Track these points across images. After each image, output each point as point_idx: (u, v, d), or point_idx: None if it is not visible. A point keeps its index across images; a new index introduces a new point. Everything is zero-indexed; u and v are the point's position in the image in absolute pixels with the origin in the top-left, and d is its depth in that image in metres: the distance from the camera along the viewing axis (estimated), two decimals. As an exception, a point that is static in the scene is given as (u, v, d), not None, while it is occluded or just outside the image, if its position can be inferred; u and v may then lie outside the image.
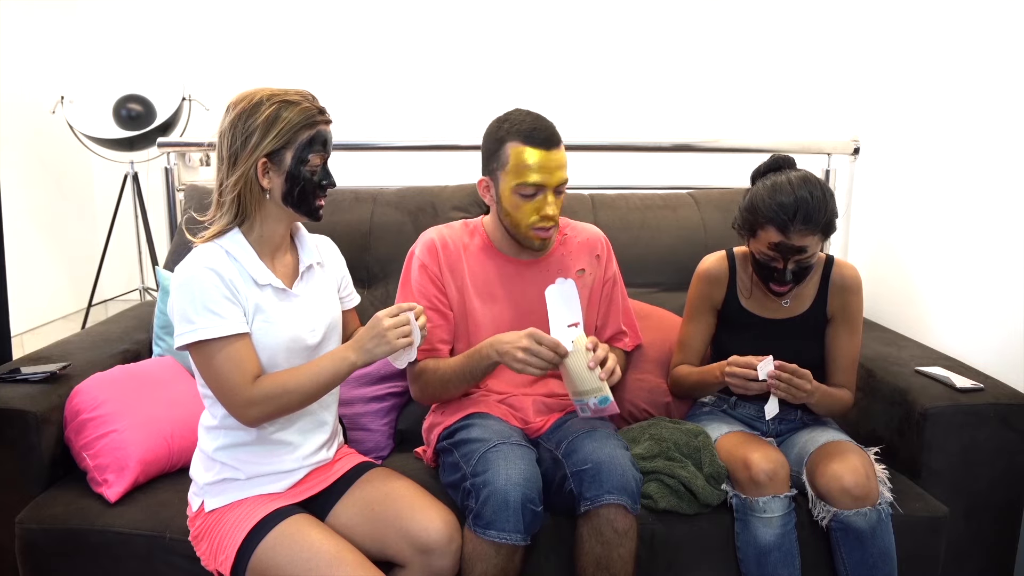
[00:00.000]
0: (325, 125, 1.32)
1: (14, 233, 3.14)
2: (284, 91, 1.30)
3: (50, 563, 1.48)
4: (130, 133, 3.28)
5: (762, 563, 1.47)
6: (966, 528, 1.64)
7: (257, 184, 1.30)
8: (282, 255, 1.39)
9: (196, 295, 1.25)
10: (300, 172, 1.30)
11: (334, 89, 3.56)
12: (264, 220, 1.34)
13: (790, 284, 1.57)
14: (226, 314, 1.26)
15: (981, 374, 1.76)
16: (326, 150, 1.33)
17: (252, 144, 1.27)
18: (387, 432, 1.79)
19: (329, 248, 1.51)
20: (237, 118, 1.28)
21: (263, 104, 1.27)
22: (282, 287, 1.35)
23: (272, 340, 1.31)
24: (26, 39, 3.35)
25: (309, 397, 1.30)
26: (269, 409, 1.28)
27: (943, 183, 2.03)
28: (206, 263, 1.27)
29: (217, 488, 1.35)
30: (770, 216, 1.50)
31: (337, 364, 1.29)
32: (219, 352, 1.26)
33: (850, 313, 1.66)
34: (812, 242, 1.52)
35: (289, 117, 1.27)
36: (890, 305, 2.21)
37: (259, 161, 1.28)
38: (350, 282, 1.54)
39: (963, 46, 1.96)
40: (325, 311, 1.40)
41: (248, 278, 1.31)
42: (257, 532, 1.28)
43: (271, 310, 1.32)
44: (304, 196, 1.32)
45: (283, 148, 1.28)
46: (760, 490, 1.47)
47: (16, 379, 1.62)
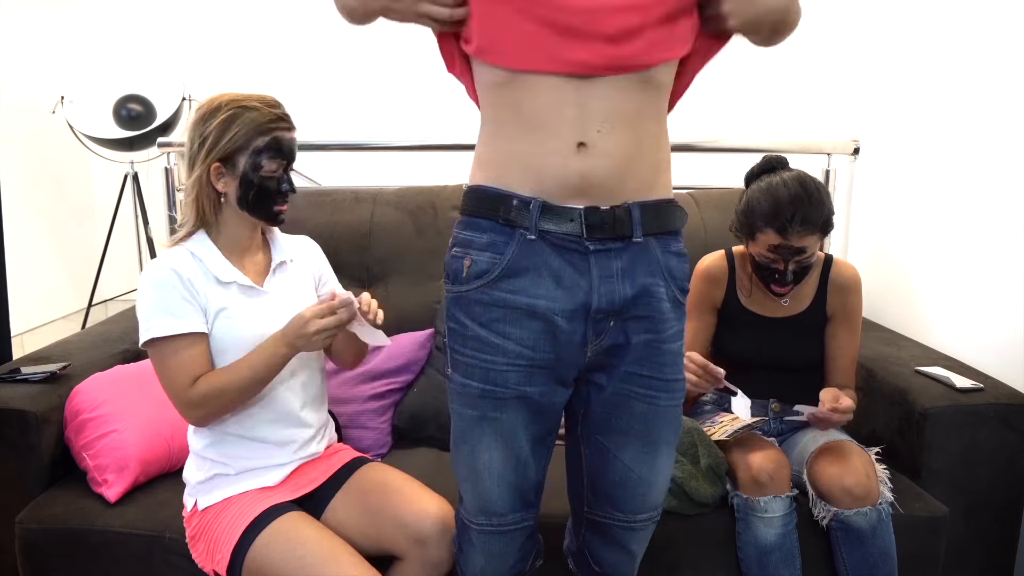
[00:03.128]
0: (284, 132, 1.31)
1: (14, 233, 3.14)
2: (247, 96, 1.30)
3: (50, 563, 1.48)
4: (130, 133, 3.28)
5: (763, 563, 1.47)
6: (966, 528, 1.64)
7: (211, 188, 1.31)
8: (252, 254, 1.40)
9: (153, 295, 1.28)
10: (254, 177, 1.30)
11: (334, 89, 3.57)
12: (225, 223, 1.35)
13: (791, 285, 1.57)
14: (181, 314, 1.28)
15: (981, 374, 1.76)
16: (283, 156, 1.32)
17: (207, 148, 1.28)
18: (385, 430, 1.79)
19: (307, 245, 1.51)
20: (197, 122, 1.30)
21: (221, 109, 1.29)
22: (250, 284, 1.35)
23: (237, 337, 1.32)
24: (26, 39, 3.35)
25: (248, 391, 1.31)
26: (210, 409, 1.29)
27: (943, 183, 2.03)
28: (166, 264, 1.29)
29: (208, 485, 1.36)
30: (768, 219, 1.51)
31: (269, 358, 1.29)
32: (170, 352, 1.28)
33: (849, 312, 1.66)
34: (811, 242, 1.52)
35: (244, 122, 1.28)
36: (890, 305, 2.21)
37: (212, 164, 1.29)
38: (331, 277, 1.53)
39: (963, 46, 1.95)
40: (297, 307, 1.37)
41: (211, 278, 1.32)
42: (251, 531, 1.28)
43: (236, 308, 1.33)
44: (260, 201, 1.32)
45: (236, 152, 1.29)
46: (761, 490, 1.48)
47: (16, 379, 1.62)
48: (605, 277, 1.07)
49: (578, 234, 1.05)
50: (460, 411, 1.14)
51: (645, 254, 1.09)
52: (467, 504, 1.20)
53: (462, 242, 1.11)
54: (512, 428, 1.11)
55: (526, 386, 1.10)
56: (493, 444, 1.12)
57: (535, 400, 1.11)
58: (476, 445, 1.13)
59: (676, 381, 1.15)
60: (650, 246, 1.09)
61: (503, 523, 1.17)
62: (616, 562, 1.25)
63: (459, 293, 1.11)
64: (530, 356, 1.09)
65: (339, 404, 1.74)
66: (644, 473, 1.16)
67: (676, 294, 1.13)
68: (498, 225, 1.08)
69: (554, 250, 1.06)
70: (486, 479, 1.14)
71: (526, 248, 1.07)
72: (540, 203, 1.05)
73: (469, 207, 1.12)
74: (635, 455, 1.16)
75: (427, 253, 2.04)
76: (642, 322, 1.10)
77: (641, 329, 1.10)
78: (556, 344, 1.09)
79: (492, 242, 1.08)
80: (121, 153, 3.40)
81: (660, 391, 1.13)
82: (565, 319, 1.08)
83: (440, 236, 2.05)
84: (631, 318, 1.10)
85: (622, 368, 1.12)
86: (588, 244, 1.06)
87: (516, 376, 1.09)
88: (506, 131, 1.07)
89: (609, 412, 1.15)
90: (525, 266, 1.07)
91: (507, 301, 1.07)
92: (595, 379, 1.15)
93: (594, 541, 1.25)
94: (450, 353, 1.14)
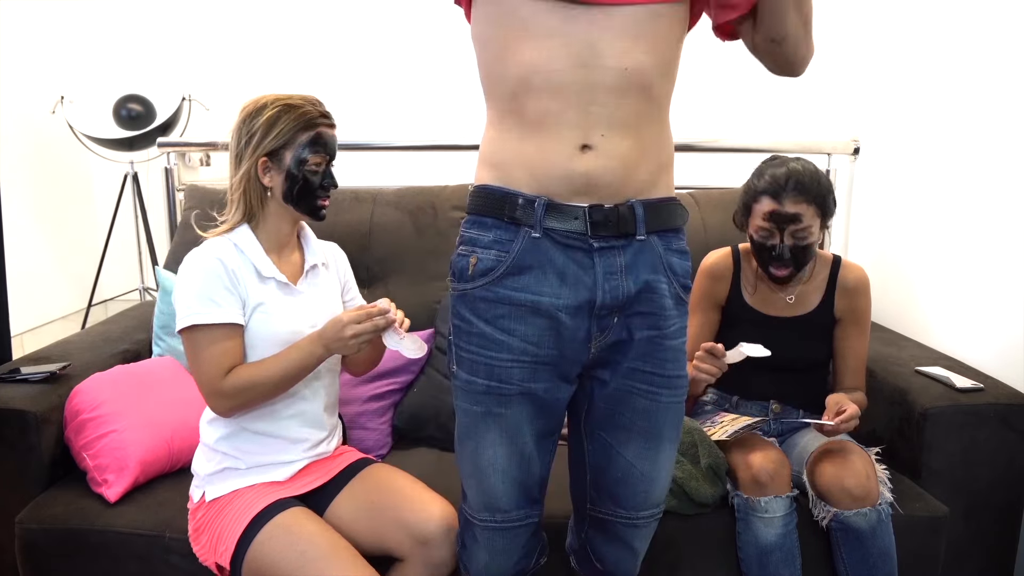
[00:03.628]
0: (327, 128, 1.37)
1: (14, 233, 3.14)
2: (289, 96, 1.36)
3: (50, 563, 1.48)
4: (130, 133, 3.29)
5: (763, 563, 1.47)
6: (966, 528, 1.64)
7: (259, 182, 1.36)
8: (289, 253, 1.43)
9: (198, 282, 1.30)
10: (299, 171, 1.35)
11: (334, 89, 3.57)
12: (268, 217, 1.39)
13: (789, 267, 1.57)
14: (223, 303, 1.30)
15: (981, 374, 1.76)
16: (326, 151, 1.37)
17: (254, 144, 1.33)
18: (385, 430, 1.79)
19: (336, 253, 1.55)
20: (243, 120, 1.35)
21: (267, 107, 1.34)
22: (286, 282, 1.38)
23: (271, 332, 1.34)
24: (26, 39, 3.35)
25: (278, 388, 1.33)
26: (240, 401, 1.32)
27: (943, 183, 2.03)
28: (213, 253, 1.32)
29: (218, 477, 1.37)
30: (763, 187, 1.55)
31: (305, 357, 1.32)
32: (207, 340, 1.30)
33: (859, 315, 1.67)
34: (807, 212, 1.53)
35: (289, 118, 1.33)
36: (890, 305, 2.21)
37: (259, 159, 1.33)
38: (354, 287, 1.57)
39: (963, 46, 1.96)
40: (326, 310, 1.43)
41: (252, 271, 1.35)
42: (255, 524, 1.29)
43: (272, 303, 1.35)
44: (304, 195, 1.36)
45: (283, 148, 1.34)
46: (762, 490, 1.48)
47: (16, 379, 1.62)
48: (609, 274, 1.08)
49: (582, 231, 1.07)
50: (465, 407, 1.15)
51: (648, 251, 1.10)
52: (471, 500, 1.20)
53: (468, 240, 1.13)
54: (517, 424, 1.12)
55: (530, 382, 1.11)
56: (498, 440, 1.13)
57: (539, 396, 1.12)
58: (480, 441, 1.14)
59: (678, 377, 1.15)
60: (653, 243, 1.10)
61: (507, 519, 1.18)
62: (618, 559, 1.25)
63: (464, 290, 1.12)
64: (534, 352, 1.10)
65: (339, 404, 1.74)
66: (647, 469, 1.17)
67: (678, 291, 1.14)
68: (503, 223, 1.09)
69: (558, 247, 1.08)
70: (490, 475, 1.15)
71: (531, 245, 1.08)
72: (545, 201, 1.06)
73: (475, 206, 1.13)
74: (638, 451, 1.16)
75: (427, 253, 2.04)
76: (645, 318, 1.11)
77: (644, 325, 1.11)
78: (560, 340, 1.10)
79: (497, 240, 1.09)
80: (121, 153, 3.40)
81: (662, 387, 1.14)
82: (569, 315, 1.09)
83: (440, 236, 2.05)
84: (634, 314, 1.11)
85: (625, 364, 1.13)
86: (592, 241, 1.07)
87: (521, 372, 1.10)
88: (510, 133, 1.08)
89: (612, 408, 1.15)
90: (530, 263, 1.08)
91: (512, 298, 1.08)
92: (598, 375, 1.15)
93: (596, 538, 1.26)
94: (455, 350, 1.15)
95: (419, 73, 3.49)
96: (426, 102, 3.48)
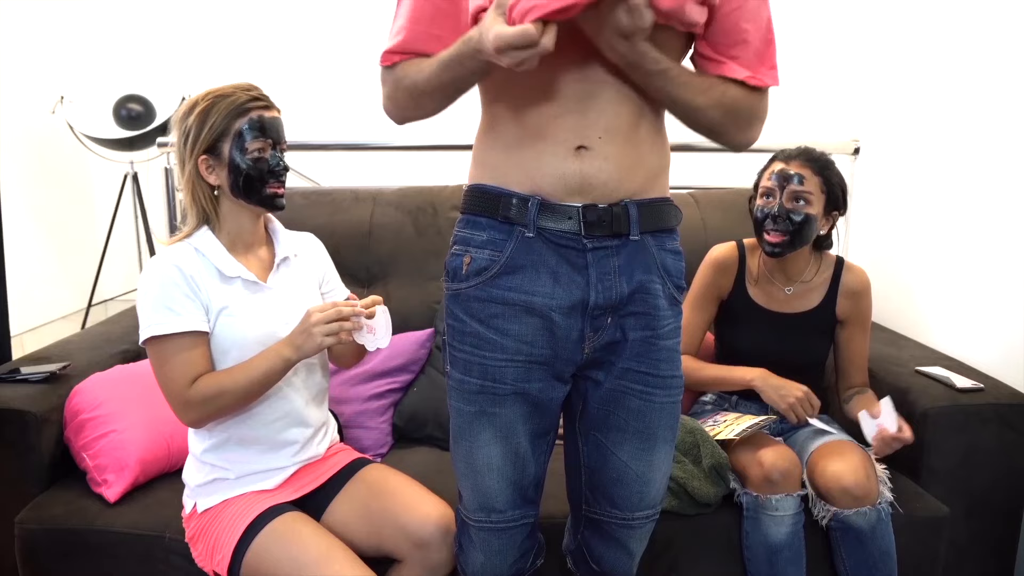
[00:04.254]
0: (262, 111, 1.30)
1: (14, 233, 3.14)
2: (221, 87, 1.31)
3: (50, 563, 1.48)
4: (130, 133, 3.29)
5: (772, 562, 1.47)
6: (966, 528, 1.64)
7: (204, 182, 1.31)
8: (256, 249, 1.39)
9: (154, 291, 1.26)
10: (241, 161, 1.28)
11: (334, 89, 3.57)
12: (225, 217, 1.34)
13: (782, 234, 1.58)
14: (182, 311, 1.26)
15: (981, 374, 1.76)
16: (266, 135, 1.30)
17: (191, 142, 1.29)
18: (386, 430, 1.79)
19: (310, 242, 1.50)
20: (178, 121, 1.31)
21: (198, 103, 1.29)
22: (254, 280, 1.34)
23: (241, 335, 1.30)
24: (26, 39, 3.35)
25: (247, 396, 1.29)
26: (208, 410, 1.28)
27: (943, 183, 2.03)
28: (169, 260, 1.28)
29: (208, 489, 1.36)
30: (776, 154, 1.66)
31: (272, 362, 1.27)
32: (170, 350, 1.26)
33: (862, 317, 1.68)
34: (810, 179, 1.58)
35: (220, 108, 1.28)
36: (890, 305, 2.21)
37: (199, 158, 1.29)
38: (334, 276, 1.52)
39: (963, 46, 1.95)
40: (301, 304, 1.37)
41: (214, 273, 1.30)
42: (250, 531, 1.28)
43: (238, 305, 1.31)
44: (251, 186, 1.30)
45: (219, 140, 1.28)
46: (773, 488, 1.47)
47: (16, 379, 1.62)
48: (602, 274, 1.08)
49: (576, 231, 1.06)
50: (459, 407, 1.15)
51: (642, 251, 1.10)
52: (466, 501, 1.20)
53: (462, 240, 1.13)
54: (511, 423, 1.12)
55: (524, 382, 1.10)
56: (492, 440, 1.13)
57: (533, 396, 1.12)
58: (474, 441, 1.14)
59: (672, 378, 1.15)
60: (646, 243, 1.10)
61: (502, 520, 1.17)
62: (614, 560, 1.25)
63: (458, 290, 1.12)
64: (528, 352, 1.10)
65: (339, 404, 1.74)
66: (641, 470, 1.17)
67: (672, 291, 1.14)
68: (497, 223, 1.09)
69: (552, 247, 1.07)
70: (485, 475, 1.15)
71: (524, 245, 1.08)
72: (538, 201, 1.06)
73: (469, 206, 1.13)
74: (632, 452, 1.16)
75: (427, 253, 2.04)
76: (639, 318, 1.11)
77: (638, 326, 1.11)
78: (553, 340, 1.10)
79: (491, 239, 1.09)
80: (121, 153, 3.40)
81: (656, 387, 1.13)
82: (562, 315, 1.08)
83: (440, 236, 2.05)
84: (628, 315, 1.11)
85: (619, 365, 1.13)
86: (586, 241, 1.07)
87: (514, 372, 1.10)
88: (506, 135, 1.09)
89: (607, 409, 1.15)
90: (523, 263, 1.08)
91: (505, 298, 1.08)
92: (593, 376, 1.15)
93: (593, 539, 1.26)
94: (448, 350, 1.15)
95: (419, 73, 3.48)
96: (426, 102, 3.48)
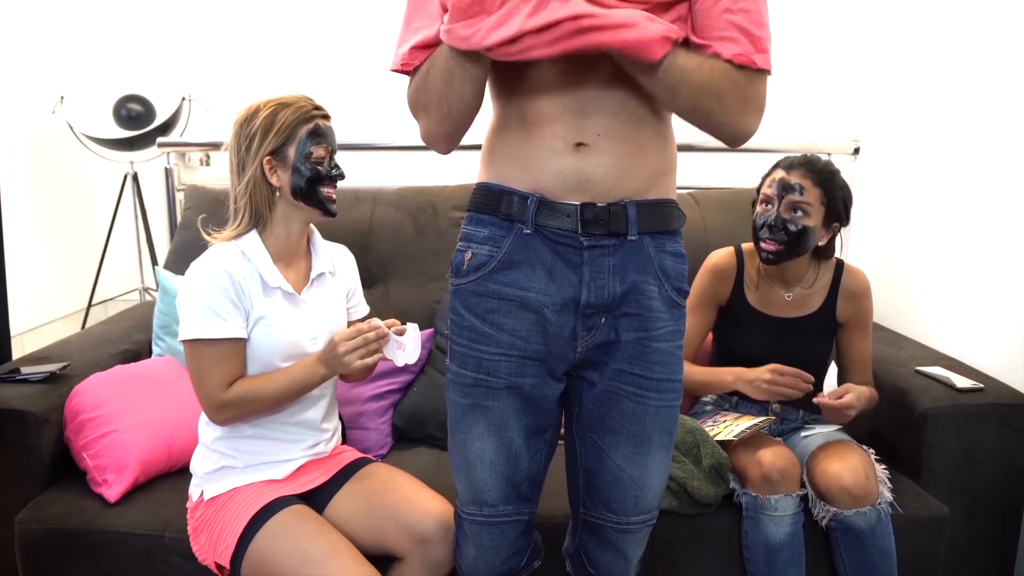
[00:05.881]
0: (322, 120, 1.38)
1: (14, 233, 3.14)
2: (281, 96, 1.37)
3: (50, 563, 1.48)
4: (130, 133, 3.29)
5: (772, 562, 1.47)
6: (966, 528, 1.64)
7: (266, 184, 1.35)
8: (296, 261, 1.43)
9: (205, 294, 1.29)
10: (305, 165, 1.35)
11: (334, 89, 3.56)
12: (279, 221, 1.38)
13: (778, 243, 1.58)
14: (228, 317, 1.30)
15: (981, 374, 1.76)
16: (327, 142, 1.37)
17: (255, 147, 1.33)
18: (386, 430, 1.79)
19: (344, 257, 1.55)
20: (239, 127, 1.35)
21: (260, 110, 1.35)
22: (291, 291, 1.38)
23: (272, 344, 1.34)
24: (26, 39, 3.35)
25: (279, 403, 1.35)
26: (239, 413, 1.33)
27: (943, 183, 2.03)
28: (222, 263, 1.31)
29: (216, 476, 1.38)
30: (778, 162, 1.64)
31: (308, 375, 1.34)
32: (210, 352, 1.30)
33: (863, 318, 1.68)
34: (810, 190, 1.57)
35: (285, 115, 1.34)
36: (890, 305, 2.21)
37: (264, 160, 1.33)
38: (358, 291, 1.56)
39: (963, 46, 1.96)
40: (330, 320, 1.43)
41: (258, 281, 1.34)
42: (256, 522, 1.29)
43: (275, 315, 1.35)
44: (312, 188, 1.36)
45: (284, 144, 1.34)
46: (772, 488, 1.48)
47: (16, 379, 1.62)
48: (596, 273, 1.08)
49: (573, 229, 1.07)
50: (454, 400, 1.16)
51: (639, 252, 1.10)
52: (461, 494, 1.21)
53: (465, 236, 1.15)
54: (503, 417, 1.13)
55: (518, 377, 1.12)
56: (485, 433, 1.14)
57: (526, 391, 1.12)
58: (468, 433, 1.15)
59: (668, 381, 1.14)
60: (644, 244, 1.10)
61: (493, 514, 1.18)
62: (610, 565, 1.25)
63: (459, 285, 1.14)
64: (522, 347, 1.11)
65: (340, 405, 1.73)
66: (636, 474, 1.16)
67: (671, 294, 1.13)
68: (498, 220, 1.10)
69: (549, 244, 1.08)
70: (478, 467, 1.16)
71: (522, 242, 1.09)
72: (537, 199, 1.07)
73: (474, 203, 1.15)
74: (627, 455, 1.16)
75: (427, 253, 2.04)
76: (632, 319, 1.11)
77: (631, 327, 1.11)
78: (546, 336, 1.11)
79: (491, 236, 1.11)
80: (121, 153, 3.40)
81: (650, 390, 1.13)
82: (554, 312, 1.09)
83: (440, 236, 2.05)
84: (622, 315, 1.11)
85: (612, 365, 1.13)
86: (582, 239, 1.07)
87: (508, 366, 1.11)
88: (509, 132, 1.10)
89: (601, 410, 1.15)
90: (519, 259, 1.09)
91: (501, 293, 1.10)
92: (587, 376, 1.16)
93: (589, 543, 1.26)
94: (449, 344, 1.17)
95: (419, 73, 3.48)
96: (426, 102, 3.48)
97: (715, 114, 1.03)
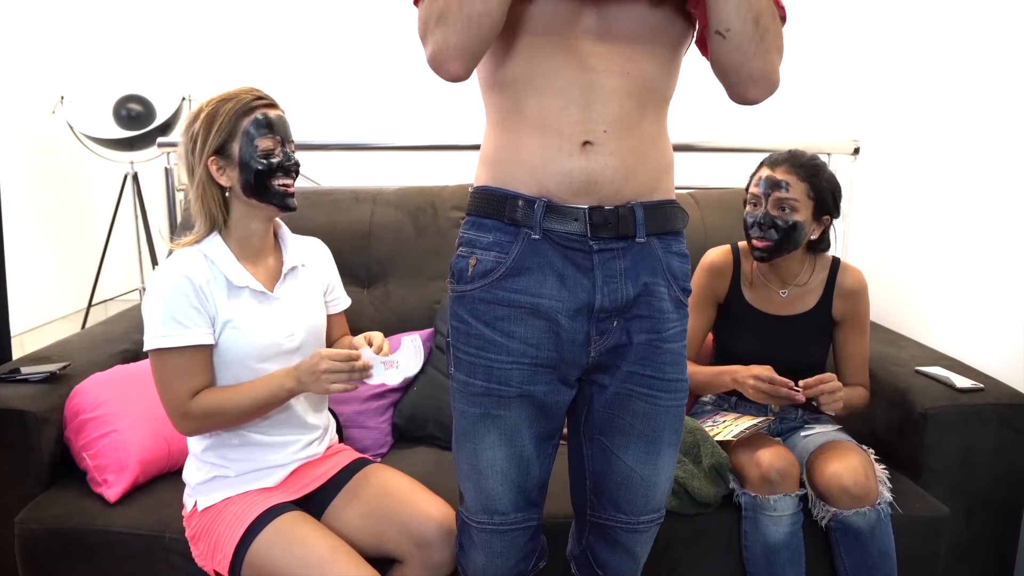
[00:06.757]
0: (267, 109, 1.32)
1: (14, 233, 3.14)
2: (224, 92, 1.32)
3: (50, 563, 1.48)
4: (130, 133, 3.29)
5: (771, 562, 1.47)
6: (966, 528, 1.64)
7: (214, 185, 1.31)
8: (265, 258, 1.39)
9: (165, 301, 1.26)
10: (251, 159, 1.29)
11: (334, 89, 3.57)
12: (237, 222, 1.34)
13: (767, 240, 1.59)
14: (190, 324, 1.26)
15: (981, 374, 1.76)
16: (274, 132, 1.31)
17: (198, 148, 1.29)
18: (385, 429, 1.79)
19: (319, 249, 1.51)
20: (185, 129, 1.32)
21: (202, 109, 1.31)
22: (261, 290, 1.34)
23: (245, 347, 1.31)
24: (26, 39, 3.35)
25: (245, 416, 1.31)
26: (204, 424, 1.30)
27: (943, 183, 2.03)
28: (182, 268, 1.28)
29: (208, 487, 1.36)
30: (764, 159, 1.65)
31: (275, 389, 1.29)
32: (174, 361, 1.27)
33: (859, 317, 1.68)
34: (795, 186, 1.57)
35: (226, 109, 1.29)
36: (890, 305, 2.21)
37: (208, 160, 1.29)
38: (338, 285, 1.53)
39: (963, 47, 1.96)
40: (306, 315, 1.40)
41: (223, 283, 1.31)
42: (252, 531, 1.28)
43: (245, 317, 1.31)
44: (263, 182, 1.30)
45: (227, 141, 1.29)
46: (771, 488, 1.48)
47: (16, 379, 1.62)
48: (608, 276, 1.07)
49: (582, 233, 1.06)
50: (463, 409, 1.14)
51: (648, 254, 1.09)
52: (468, 502, 1.20)
53: (467, 242, 1.12)
54: (515, 426, 1.11)
55: (530, 385, 1.10)
56: (496, 442, 1.12)
57: (539, 399, 1.11)
58: (479, 443, 1.13)
59: (677, 381, 1.15)
60: (653, 246, 1.09)
61: (505, 522, 1.17)
62: (619, 565, 1.24)
63: (463, 292, 1.11)
64: (534, 355, 1.09)
65: (339, 404, 1.74)
66: (647, 474, 1.16)
67: (678, 294, 1.13)
68: (503, 225, 1.08)
69: (558, 249, 1.07)
70: (489, 477, 1.14)
71: (530, 247, 1.07)
72: (544, 203, 1.05)
73: (475, 207, 1.12)
74: (637, 455, 1.15)
75: (427, 253, 2.04)
76: (644, 321, 1.11)
77: (643, 329, 1.11)
78: (559, 343, 1.09)
79: (497, 241, 1.08)
80: (121, 153, 3.40)
81: (661, 391, 1.13)
82: (568, 318, 1.08)
83: (440, 236, 2.05)
84: (633, 317, 1.10)
85: (624, 368, 1.12)
86: (592, 243, 1.06)
87: (520, 375, 1.09)
88: (511, 132, 1.08)
89: (612, 412, 1.15)
90: (529, 265, 1.07)
91: (511, 300, 1.08)
92: (598, 379, 1.15)
93: (597, 544, 1.25)
94: (452, 351, 1.14)
95: (419, 73, 3.48)
96: (426, 102, 3.48)
97: (767, 39, 0.99)
